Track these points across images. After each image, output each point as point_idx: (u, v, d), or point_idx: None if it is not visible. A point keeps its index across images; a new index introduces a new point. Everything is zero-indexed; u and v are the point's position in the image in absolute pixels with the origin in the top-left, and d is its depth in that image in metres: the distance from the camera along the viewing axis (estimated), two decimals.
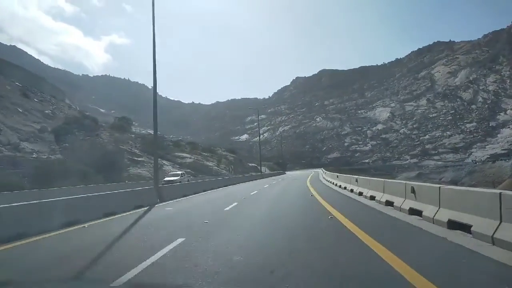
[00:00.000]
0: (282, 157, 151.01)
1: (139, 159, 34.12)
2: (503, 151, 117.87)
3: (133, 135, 47.00)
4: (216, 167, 44.95)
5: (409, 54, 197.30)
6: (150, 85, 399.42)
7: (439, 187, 7.68)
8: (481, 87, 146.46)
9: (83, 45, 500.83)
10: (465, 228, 6.32)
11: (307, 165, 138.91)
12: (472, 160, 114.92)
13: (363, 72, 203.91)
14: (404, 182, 10.58)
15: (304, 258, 5.38)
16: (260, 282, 4.45)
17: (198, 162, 39.64)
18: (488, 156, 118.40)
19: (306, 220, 9.94)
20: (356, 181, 17.41)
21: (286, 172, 79.69)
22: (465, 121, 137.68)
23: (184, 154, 43.82)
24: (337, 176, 24.79)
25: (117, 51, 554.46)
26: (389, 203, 11.01)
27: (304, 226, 8.75)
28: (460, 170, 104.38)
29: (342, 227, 8.03)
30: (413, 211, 8.84)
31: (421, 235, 6.75)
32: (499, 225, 5.49)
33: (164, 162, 37.62)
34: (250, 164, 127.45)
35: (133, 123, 74.25)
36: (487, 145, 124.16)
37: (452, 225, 6.76)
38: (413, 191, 9.10)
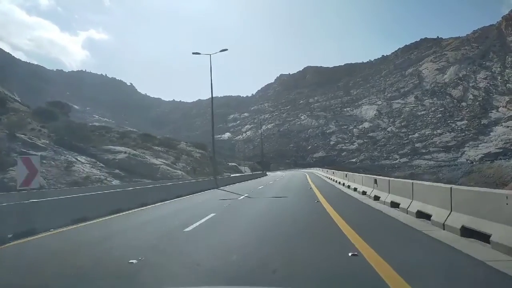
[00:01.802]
0: (264, 156, 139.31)
1: (38, 153, 22.01)
2: (497, 150, 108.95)
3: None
4: (167, 167, 32.33)
5: (395, 51, 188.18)
6: (128, 81, 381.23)
7: None
8: (471, 84, 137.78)
9: (59, 40, 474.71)
10: None
11: (291, 164, 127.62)
12: (466, 160, 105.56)
13: (349, 70, 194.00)
14: None
15: None
16: None
17: (135, 159, 27.52)
18: (482, 155, 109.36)
19: None
20: None
21: (268, 173, 65.85)
22: (455, 119, 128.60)
23: (117, 148, 30.94)
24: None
25: (96, 47, 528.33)
26: None
27: None
28: (456, 170, 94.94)
29: None
30: None
31: None
32: None
33: (80, 158, 25.34)
34: (230, 164, 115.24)
35: (73, 108, 60.08)
36: (480, 143, 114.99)
37: None
38: None
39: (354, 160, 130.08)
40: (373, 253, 5.28)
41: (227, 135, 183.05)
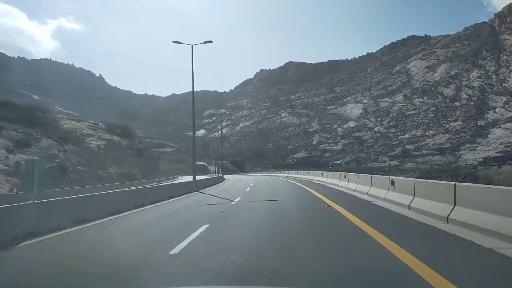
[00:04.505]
0: (240, 155, 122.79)
1: None
2: (497, 154, 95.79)
3: None
4: None
5: (381, 48, 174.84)
6: (97, 72, 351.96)
7: None
8: (464, 83, 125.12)
9: (27, 29, 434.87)
10: None
11: (269, 165, 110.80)
12: (466, 164, 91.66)
13: (332, 66, 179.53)
14: None
15: None
16: None
17: None
18: (481, 159, 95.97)
19: None
20: None
21: (226, 178, 41.74)
22: (449, 119, 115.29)
23: None
24: None
25: (67, 37, 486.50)
26: None
27: None
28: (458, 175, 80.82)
29: None
30: None
31: None
32: None
33: None
34: (198, 163, 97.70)
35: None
36: (478, 146, 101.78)
37: None
38: None
39: (339, 162, 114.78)
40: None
41: (201, 132, 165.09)
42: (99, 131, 31.42)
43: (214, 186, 26.49)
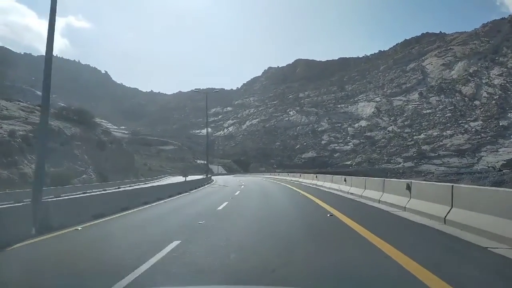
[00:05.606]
0: (245, 154, 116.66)
1: None
2: None
3: None
4: None
5: (394, 45, 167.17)
6: (103, 69, 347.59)
7: None
8: (484, 81, 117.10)
9: (36, 27, 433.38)
10: None
11: (275, 164, 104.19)
12: (488, 166, 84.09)
13: (343, 64, 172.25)
14: None
15: None
16: None
17: None
18: (504, 161, 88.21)
19: None
20: None
21: (216, 179, 35.10)
22: (468, 119, 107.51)
23: None
24: None
25: (75, 35, 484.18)
26: None
27: None
28: (482, 179, 73.43)
29: None
30: None
31: None
32: None
33: None
34: (198, 161, 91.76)
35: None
36: (500, 148, 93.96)
37: None
38: None
39: (349, 162, 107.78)
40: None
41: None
42: (36, 114, 24.91)
43: (152, 204, 12.49)
